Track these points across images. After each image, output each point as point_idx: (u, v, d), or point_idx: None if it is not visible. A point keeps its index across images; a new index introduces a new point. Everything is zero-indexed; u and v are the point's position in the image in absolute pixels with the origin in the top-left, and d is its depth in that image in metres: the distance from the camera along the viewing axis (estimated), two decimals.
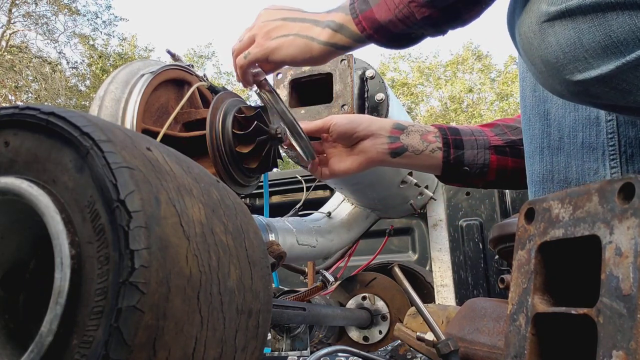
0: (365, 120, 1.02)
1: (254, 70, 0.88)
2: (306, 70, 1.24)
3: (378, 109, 1.29)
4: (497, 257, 1.53)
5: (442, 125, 1.05)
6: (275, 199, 2.22)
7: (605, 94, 0.58)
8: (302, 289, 1.27)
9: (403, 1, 0.70)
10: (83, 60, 15.59)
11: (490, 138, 1.03)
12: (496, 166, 1.02)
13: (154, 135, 0.90)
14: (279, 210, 1.72)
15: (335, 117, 1.02)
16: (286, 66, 1.04)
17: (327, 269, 1.68)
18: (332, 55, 0.82)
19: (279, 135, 0.93)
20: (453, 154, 1.01)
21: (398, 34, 0.74)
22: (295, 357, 1.10)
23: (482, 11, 0.70)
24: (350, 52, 0.85)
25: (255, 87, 0.90)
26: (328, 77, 1.22)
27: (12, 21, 13.84)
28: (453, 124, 1.11)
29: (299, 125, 0.91)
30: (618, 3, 0.54)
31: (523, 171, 1.00)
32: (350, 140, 1.02)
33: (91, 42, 15.36)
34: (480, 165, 1.02)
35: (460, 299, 1.70)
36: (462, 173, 1.02)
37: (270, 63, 0.86)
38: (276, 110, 0.90)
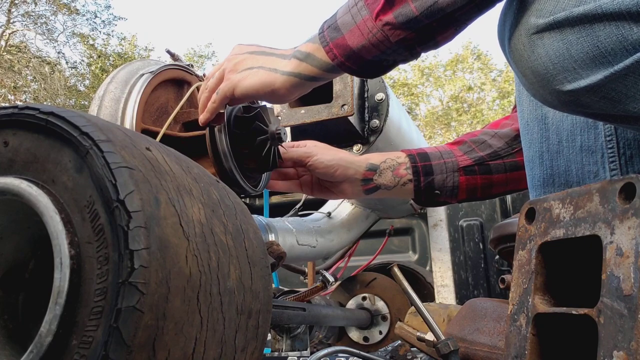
0: (342, 164, 1.05)
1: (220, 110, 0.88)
2: None
3: (378, 109, 1.29)
4: (497, 257, 1.53)
5: (412, 151, 1.09)
6: (275, 199, 2.22)
7: (595, 104, 0.59)
8: (302, 289, 1.26)
9: (377, 25, 0.69)
10: (82, 60, 15.61)
11: (459, 158, 1.07)
12: (465, 186, 1.07)
13: (154, 135, 0.90)
14: (279, 210, 1.72)
15: (315, 154, 1.04)
16: None
17: (327, 269, 1.68)
18: (297, 87, 0.80)
19: (279, 135, 0.93)
20: (423, 182, 1.06)
21: (370, 61, 0.73)
22: (295, 358, 1.10)
23: (455, 34, 0.70)
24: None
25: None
26: None
27: (11, 21, 13.85)
28: (423, 147, 1.15)
29: (237, 170, 0.90)
30: (605, 14, 0.54)
31: (493, 185, 1.07)
32: (328, 178, 1.07)
33: (91, 42, 15.36)
34: (450, 187, 1.07)
35: (461, 299, 1.70)
36: (434, 196, 1.07)
37: (236, 99, 0.85)
38: (220, 150, 0.89)
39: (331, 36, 0.74)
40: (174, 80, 1.01)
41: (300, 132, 1.25)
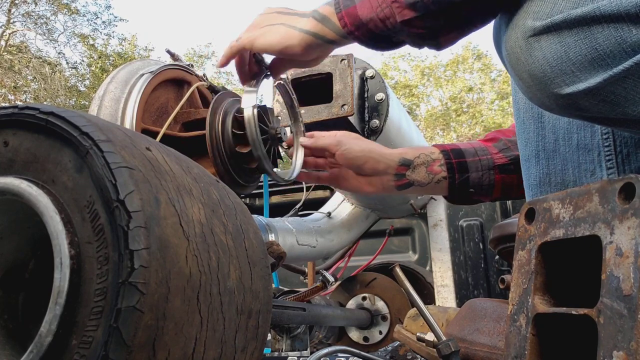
0: (372, 157, 1.03)
1: (262, 75, 0.89)
2: (306, 69, 1.24)
3: (378, 109, 1.29)
4: (497, 257, 1.53)
5: (445, 147, 1.07)
6: (275, 199, 2.22)
7: (594, 107, 0.59)
8: (302, 289, 1.26)
9: (386, 1, 0.70)
10: (83, 60, 15.60)
11: (494, 156, 1.05)
12: (501, 184, 1.04)
13: (154, 135, 0.90)
14: (279, 210, 1.72)
15: (345, 144, 1.03)
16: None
17: (327, 269, 1.68)
18: (313, 47, 0.81)
19: (279, 135, 0.93)
20: (458, 179, 1.04)
21: (378, 35, 0.74)
22: (295, 358, 1.10)
23: (457, 38, 0.70)
24: (336, 49, 0.85)
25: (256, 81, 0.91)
26: (328, 76, 1.22)
27: (11, 21, 13.85)
28: (455, 142, 1.12)
29: (266, 160, 0.91)
30: (603, 16, 0.54)
31: None
32: (357, 170, 1.04)
33: (91, 42, 15.36)
34: (486, 186, 1.04)
35: (461, 299, 1.70)
36: (468, 194, 1.05)
37: (254, 52, 0.87)
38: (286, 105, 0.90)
39: (345, 4, 0.75)
40: (174, 80, 1.01)
41: None
